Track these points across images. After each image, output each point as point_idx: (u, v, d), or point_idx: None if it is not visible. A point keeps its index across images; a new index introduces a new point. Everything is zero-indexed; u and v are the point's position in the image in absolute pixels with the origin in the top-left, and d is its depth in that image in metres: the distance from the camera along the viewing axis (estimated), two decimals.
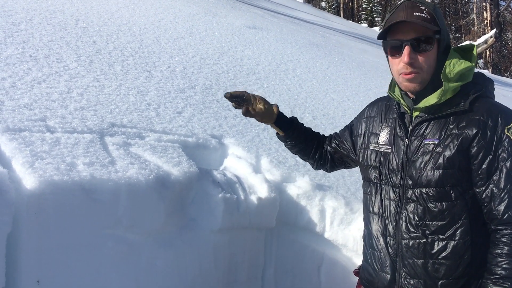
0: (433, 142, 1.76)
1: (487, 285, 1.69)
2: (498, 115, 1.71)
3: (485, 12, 28.33)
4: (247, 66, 5.50)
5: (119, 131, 2.77)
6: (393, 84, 1.92)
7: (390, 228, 1.85)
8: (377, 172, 1.91)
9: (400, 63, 1.75)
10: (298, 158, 3.55)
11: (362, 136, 2.04)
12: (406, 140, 1.83)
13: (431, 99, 1.77)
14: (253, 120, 3.94)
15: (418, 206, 1.78)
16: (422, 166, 1.76)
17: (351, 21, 24.93)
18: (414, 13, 1.72)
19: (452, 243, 1.74)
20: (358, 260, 2.84)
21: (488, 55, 29.26)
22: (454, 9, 37.95)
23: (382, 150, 1.91)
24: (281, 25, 9.48)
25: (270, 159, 3.35)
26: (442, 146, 1.74)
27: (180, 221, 2.58)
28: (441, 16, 1.78)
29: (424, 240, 1.77)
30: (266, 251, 3.12)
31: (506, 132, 1.68)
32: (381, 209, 1.89)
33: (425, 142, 1.78)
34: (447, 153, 1.72)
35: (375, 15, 33.16)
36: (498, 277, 1.66)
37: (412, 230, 1.79)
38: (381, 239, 1.88)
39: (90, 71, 3.55)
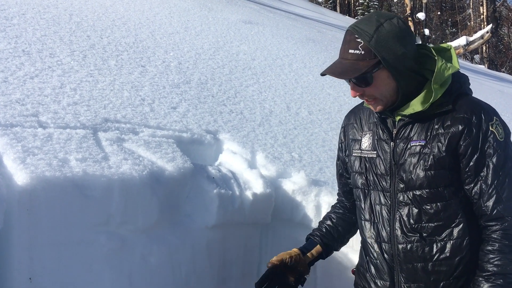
0: (420, 144, 1.75)
1: (480, 282, 1.68)
2: (481, 111, 1.72)
3: (481, 7, 28.32)
4: (242, 61, 5.47)
5: (112, 127, 2.74)
6: None
7: (384, 233, 1.83)
8: (364, 178, 1.89)
9: None
10: (293, 153, 3.55)
11: (346, 144, 2.02)
12: (392, 143, 1.81)
13: (416, 106, 1.73)
14: (248, 115, 3.92)
15: (413, 208, 1.76)
16: (411, 168, 1.75)
17: (347, 16, 24.90)
18: (349, 51, 1.69)
19: (450, 243, 1.73)
20: (353, 256, 2.83)
21: (484, 50, 29.27)
22: (450, 4, 37.94)
23: (367, 155, 1.89)
24: (277, 20, 9.44)
25: (266, 155, 3.33)
26: (429, 147, 1.73)
27: (174, 217, 2.56)
28: (384, 41, 1.66)
29: (422, 242, 1.76)
30: (261, 247, 3.11)
31: (490, 128, 1.69)
32: (372, 215, 1.88)
33: (411, 144, 1.76)
34: (437, 154, 1.71)
35: (372, 10, 33.11)
36: (490, 274, 1.66)
37: (409, 234, 1.77)
38: (376, 246, 1.87)
39: (84, 66, 3.52)
